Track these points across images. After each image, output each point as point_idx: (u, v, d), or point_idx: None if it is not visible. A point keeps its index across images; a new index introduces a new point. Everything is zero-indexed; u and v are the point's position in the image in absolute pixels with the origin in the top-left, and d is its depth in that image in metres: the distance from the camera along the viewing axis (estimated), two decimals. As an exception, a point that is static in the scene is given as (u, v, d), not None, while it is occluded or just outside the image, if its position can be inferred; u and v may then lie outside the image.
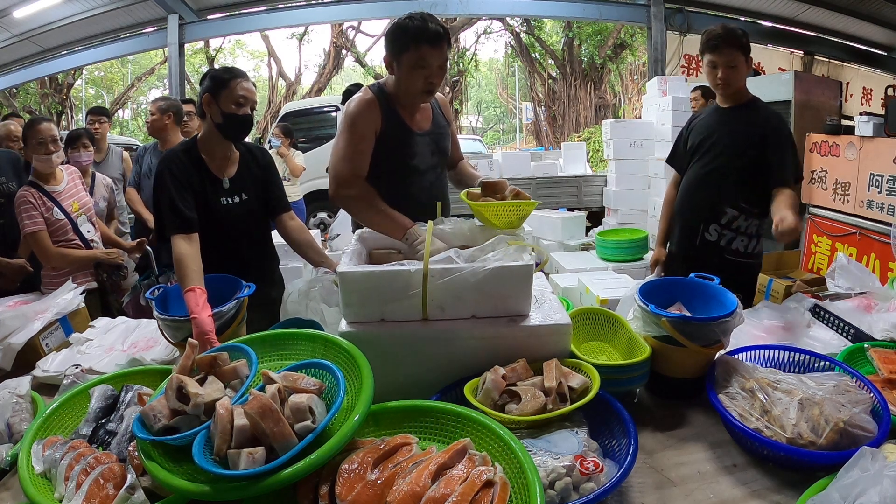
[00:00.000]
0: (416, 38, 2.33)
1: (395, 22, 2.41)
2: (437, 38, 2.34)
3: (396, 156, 2.58)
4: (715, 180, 2.96)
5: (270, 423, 1.24)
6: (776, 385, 1.63)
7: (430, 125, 2.67)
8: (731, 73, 2.81)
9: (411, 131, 2.59)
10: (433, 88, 2.46)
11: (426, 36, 2.33)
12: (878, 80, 12.24)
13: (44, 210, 3.38)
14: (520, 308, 1.83)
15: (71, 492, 1.36)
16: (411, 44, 2.34)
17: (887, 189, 5.38)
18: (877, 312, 2.32)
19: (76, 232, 3.53)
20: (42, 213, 3.36)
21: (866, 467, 1.22)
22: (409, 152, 2.60)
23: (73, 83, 22.11)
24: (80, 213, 3.59)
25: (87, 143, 4.40)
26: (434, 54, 2.36)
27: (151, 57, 23.07)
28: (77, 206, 3.59)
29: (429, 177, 2.68)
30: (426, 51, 2.34)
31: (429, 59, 2.36)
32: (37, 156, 3.43)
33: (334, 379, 1.40)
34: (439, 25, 2.36)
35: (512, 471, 1.27)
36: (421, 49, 2.34)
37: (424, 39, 2.33)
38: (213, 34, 13.53)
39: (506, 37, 23.90)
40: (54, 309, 2.53)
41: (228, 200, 2.63)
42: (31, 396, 1.90)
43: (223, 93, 2.51)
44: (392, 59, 2.44)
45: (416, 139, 2.60)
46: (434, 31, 2.33)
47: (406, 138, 2.57)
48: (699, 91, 6.48)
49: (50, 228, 3.41)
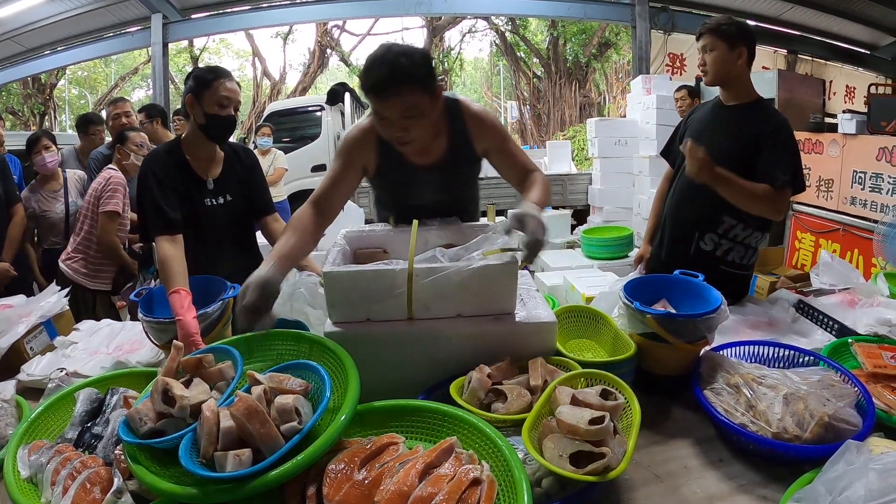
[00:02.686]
0: (364, 87, 1.95)
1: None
2: (381, 88, 1.89)
3: (396, 192, 2.40)
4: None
5: (257, 425, 1.23)
6: (761, 380, 1.64)
7: (440, 157, 2.25)
8: (708, 59, 2.72)
9: (409, 166, 2.24)
10: (401, 142, 2.03)
11: (368, 86, 1.92)
12: (861, 78, 12.33)
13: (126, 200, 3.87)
14: (505, 306, 1.82)
15: (57, 497, 1.34)
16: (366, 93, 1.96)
17: (870, 186, 5.44)
18: (860, 308, 2.35)
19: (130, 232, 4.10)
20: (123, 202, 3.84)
21: (851, 461, 1.22)
22: (406, 191, 2.34)
23: (57, 83, 21.91)
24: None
25: (49, 143, 4.33)
26: (385, 107, 1.93)
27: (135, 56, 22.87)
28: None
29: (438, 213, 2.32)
30: (375, 102, 1.94)
31: (379, 109, 1.96)
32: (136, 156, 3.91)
33: (320, 379, 1.40)
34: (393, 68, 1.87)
35: (499, 469, 1.27)
36: (371, 98, 1.95)
37: (370, 90, 1.92)
38: (198, 33, 13.46)
39: (490, 36, 23.95)
40: (38, 312, 2.50)
41: (213, 201, 2.62)
42: (15, 401, 1.88)
43: (205, 94, 2.50)
44: None
45: (418, 175, 2.27)
46: (371, 84, 1.90)
47: (402, 174, 2.27)
48: (685, 90, 6.48)
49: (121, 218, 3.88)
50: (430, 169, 2.25)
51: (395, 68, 1.86)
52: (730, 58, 2.67)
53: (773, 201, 2.55)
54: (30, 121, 20.03)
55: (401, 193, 2.37)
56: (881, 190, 5.32)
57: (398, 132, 1.98)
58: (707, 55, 2.71)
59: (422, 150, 2.16)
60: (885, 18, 10.87)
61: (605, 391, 1.48)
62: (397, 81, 1.86)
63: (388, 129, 1.99)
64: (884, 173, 5.30)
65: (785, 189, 2.57)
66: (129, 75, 24.82)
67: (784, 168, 2.56)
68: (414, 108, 1.92)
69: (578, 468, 1.26)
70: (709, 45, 2.69)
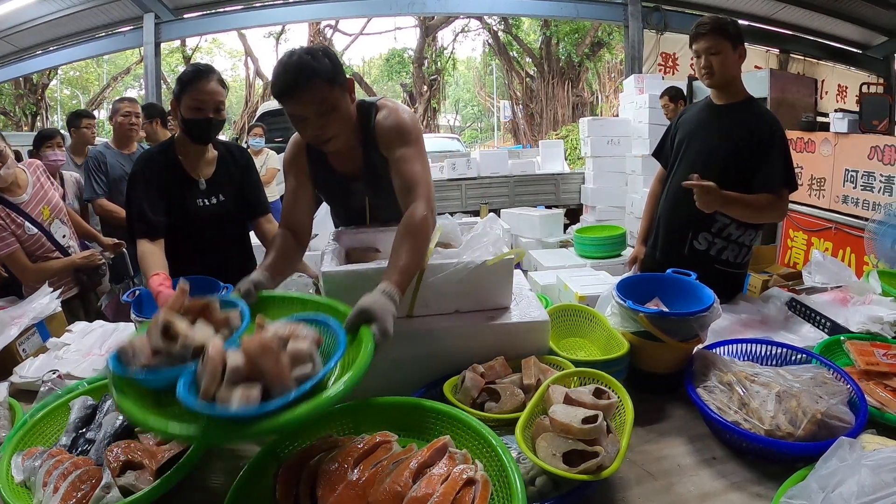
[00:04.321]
0: (277, 94, 1.96)
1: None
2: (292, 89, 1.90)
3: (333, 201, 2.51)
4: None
5: (270, 363, 1.15)
6: (754, 378, 1.64)
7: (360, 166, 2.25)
8: (714, 61, 2.67)
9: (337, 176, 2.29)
10: (317, 141, 2.04)
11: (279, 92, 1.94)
12: (852, 77, 12.37)
13: (14, 228, 3.11)
14: (502, 301, 1.86)
15: (49, 495, 1.34)
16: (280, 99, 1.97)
17: (862, 184, 5.46)
18: (853, 306, 2.36)
19: (52, 241, 3.32)
20: (13, 232, 3.10)
21: (844, 457, 1.23)
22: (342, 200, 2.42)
23: (49, 83, 21.81)
24: (51, 218, 3.35)
25: (61, 141, 4.32)
26: (298, 107, 1.95)
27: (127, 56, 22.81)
28: (47, 211, 3.34)
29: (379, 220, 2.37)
30: (289, 105, 1.95)
31: (297, 112, 1.97)
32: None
33: (332, 335, 1.36)
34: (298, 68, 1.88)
35: (492, 468, 1.27)
36: (285, 103, 1.96)
37: (281, 94, 1.94)
38: (190, 33, 13.40)
39: (483, 35, 23.93)
40: (31, 314, 2.50)
41: (205, 201, 2.62)
42: (8, 403, 1.87)
43: (183, 97, 2.52)
44: None
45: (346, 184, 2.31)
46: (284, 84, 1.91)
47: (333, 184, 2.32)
48: (666, 97, 6.50)
49: (25, 245, 3.16)
50: (356, 178, 2.27)
51: (301, 68, 1.87)
52: (734, 58, 2.68)
53: (776, 207, 2.62)
54: (21, 121, 19.94)
55: (338, 204, 2.47)
56: (873, 188, 5.34)
57: (316, 130, 1.98)
58: (712, 57, 2.67)
59: (344, 157, 2.20)
60: (876, 18, 10.90)
61: (598, 390, 1.48)
62: (305, 79, 1.87)
63: (306, 130, 2.01)
64: (875, 172, 5.32)
65: (783, 191, 2.62)
66: (122, 75, 24.71)
67: (780, 171, 2.60)
68: (325, 101, 1.93)
69: (572, 467, 1.26)
70: (713, 46, 2.66)
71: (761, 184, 2.61)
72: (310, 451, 1.33)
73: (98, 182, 4.36)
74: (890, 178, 5.16)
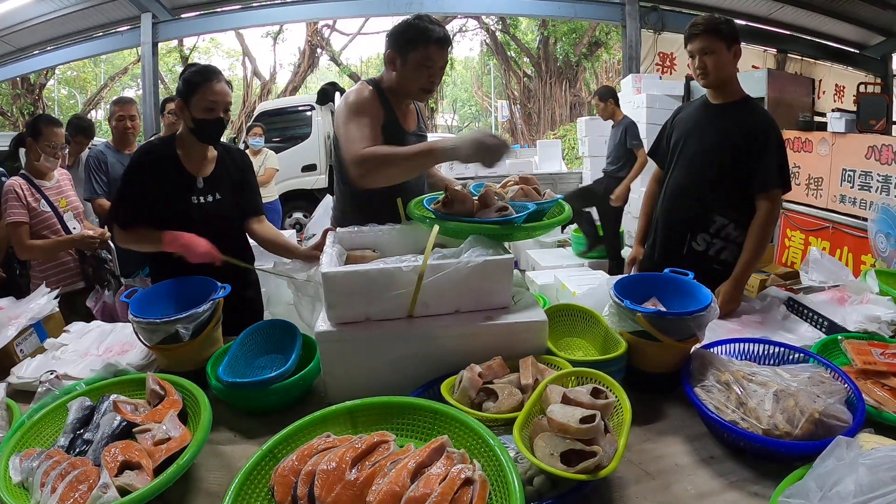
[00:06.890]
0: (426, 38, 2.45)
1: (406, 21, 2.52)
2: (445, 42, 2.49)
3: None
4: (700, 186, 2.79)
5: None
6: (751, 377, 1.64)
7: (415, 127, 2.77)
8: (709, 61, 2.67)
9: (404, 130, 2.66)
10: (432, 88, 2.58)
11: (435, 37, 2.46)
12: (850, 77, 12.40)
13: (31, 200, 3.44)
14: (501, 300, 1.86)
15: (46, 496, 1.33)
16: (421, 44, 2.46)
17: (859, 184, 5.47)
18: (850, 305, 2.36)
19: (62, 225, 3.57)
20: (28, 205, 3.43)
21: (842, 456, 1.23)
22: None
23: (46, 83, 21.80)
24: (67, 209, 3.64)
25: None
26: (440, 55, 2.51)
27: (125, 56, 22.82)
28: (65, 202, 3.64)
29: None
30: (434, 51, 2.47)
31: (435, 59, 2.49)
32: (46, 156, 3.51)
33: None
34: (445, 30, 2.53)
35: (490, 467, 1.27)
36: (429, 49, 2.46)
37: (434, 41, 2.46)
38: (188, 33, 13.42)
39: (481, 35, 24.00)
40: (28, 314, 2.49)
41: (201, 199, 2.62)
42: (6, 403, 1.86)
43: (193, 98, 2.52)
44: (397, 56, 2.52)
45: (408, 138, 2.63)
46: (443, 35, 2.49)
47: (400, 136, 2.58)
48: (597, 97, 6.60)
49: (35, 220, 3.46)
50: (411, 134, 2.71)
51: (448, 33, 2.54)
52: (728, 58, 2.68)
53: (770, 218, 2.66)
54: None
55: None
56: (870, 188, 5.35)
57: (435, 78, 2.56)
58: (706, 57, 2.68)
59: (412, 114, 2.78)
60: (874, 18, 10.93)
61: (595, 389, 1.48)
62: (450, 40, 2.54)
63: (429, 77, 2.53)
64: (873, 171, 5.32)
65: (775, 191, 2.64)
66: (119, 75, 24.72)
67: (775, 172, 2.62)
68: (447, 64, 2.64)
69: (570, 467, 1.26)
70: (708, 46, 2.66)
71: (758, 184, 2.62)
72: (308, 451, 1.33)
73: (98, 181, 4.36)
74: (887, 177, 5.17)
